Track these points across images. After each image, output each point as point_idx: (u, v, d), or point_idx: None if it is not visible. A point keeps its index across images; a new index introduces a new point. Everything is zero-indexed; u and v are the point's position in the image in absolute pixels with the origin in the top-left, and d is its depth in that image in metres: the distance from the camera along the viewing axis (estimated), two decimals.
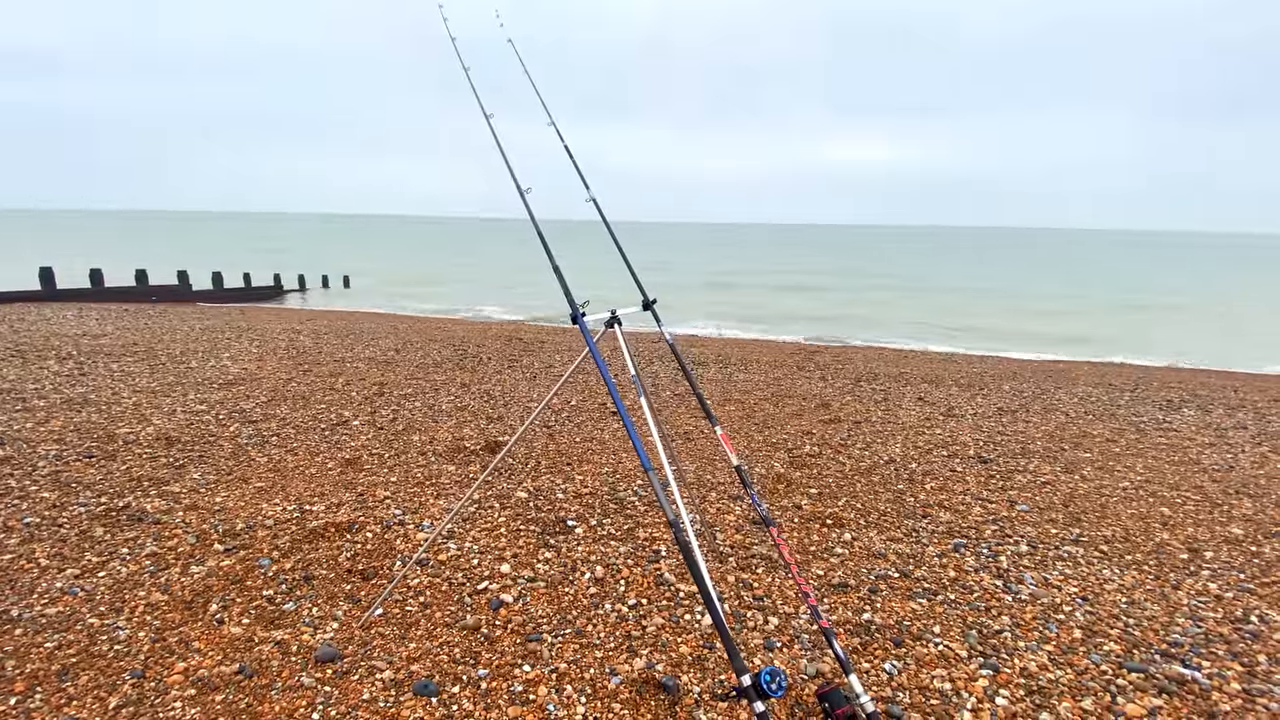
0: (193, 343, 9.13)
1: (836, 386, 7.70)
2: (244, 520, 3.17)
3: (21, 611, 2.42)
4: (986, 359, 12.61)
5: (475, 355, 8.95)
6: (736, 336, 15.50)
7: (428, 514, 3.31)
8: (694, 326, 17.60)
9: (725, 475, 4.08)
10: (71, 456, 4.04)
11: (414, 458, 4.22)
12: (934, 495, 3.93)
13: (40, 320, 11.36)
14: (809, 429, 5.39)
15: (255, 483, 3.71)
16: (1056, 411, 6.79)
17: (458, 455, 4.29)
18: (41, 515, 3.19)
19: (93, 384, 6.09)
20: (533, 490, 3.68)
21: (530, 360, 8.71)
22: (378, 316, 16.18)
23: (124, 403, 5.41)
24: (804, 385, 7.70)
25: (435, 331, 12.14)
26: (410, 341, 10.24)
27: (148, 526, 3.10)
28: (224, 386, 6.21)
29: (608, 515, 3.35)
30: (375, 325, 12.85)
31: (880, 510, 3.61)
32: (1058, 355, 14.57)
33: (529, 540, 3.03)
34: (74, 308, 14.11)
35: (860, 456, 4.64)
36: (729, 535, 3.17)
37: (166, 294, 18.90)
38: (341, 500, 3.46)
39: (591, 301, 1.95)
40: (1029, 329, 19.31)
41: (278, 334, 10.68)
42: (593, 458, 4.36)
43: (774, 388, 7.46)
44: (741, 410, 6.10)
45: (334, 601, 2.54)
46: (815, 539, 3.18)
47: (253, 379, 6.63)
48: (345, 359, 8.23)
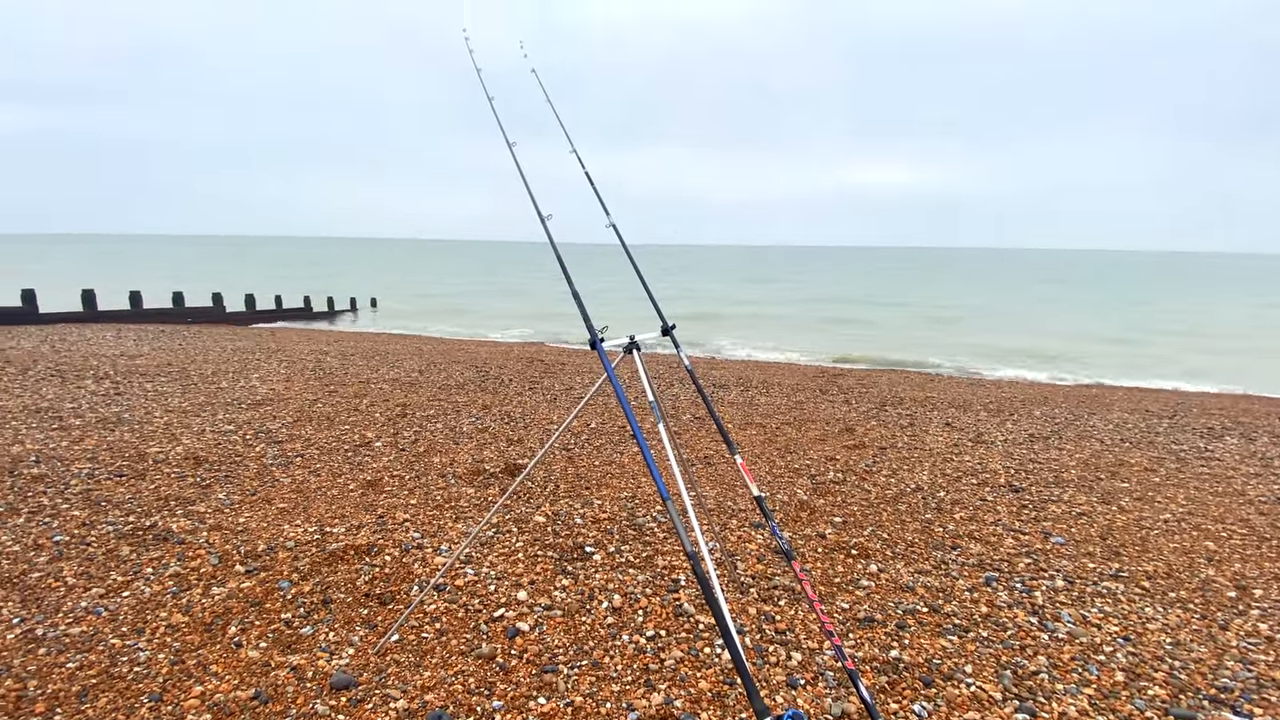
0: (224, 363, 9.34)
1: (861, 411, 7.57)
2: (266, 541, 3.19)
3: (46, 630, 2.45)
4: (1016, 383, 12.32)
5: (496, 377, 9.01)
6: (757, 358, 15.39)
7: (446, 538, 3.30)
8: (714, 349, 17.54)
9: (747, 502, 4.00)
10: (103, 475, 4.13)
11: (434, 480, 4.23)
12: (963, 525, 3.81)
13: (81, 340, 11.75)
14: (832, 455, 5.29)
15: (278, 503, 3.74)
16: (1091, 439, 6.58)
17: (477, 478, 4.28)
18: (71, 533, 3.25)
19: (127, 403, 6.25)
20: (551, 515, 3.65)
21: (551, 382, 8.74)
22: (403, 338, 16.44)
23: (156, 422, 5.53)
24: (827, 409, 7.59)
25: (458, 353, 12.28)
26: (434, 363, 10.35)
27: (173, 546, 3.14)
28: (252, 407, 6.32)
29: (626, 542, 3.30)
30: (400, 347, 13.03)
31: (907, 541, 3.50)
32: (1089, 379, 14.18)
33: (546, 566, 3.00)
34: (113, 328, 14.59)
35: (886, 484, 4.52)
36: (750, 565, 3.10)
37: (201, 315, 19.45)
38: (361, 522, 3.46)
39: (611, 326, 1.94)
40: (1057, 352, 18.84)
41: (305, 355, 10.89)
42: (611, 482, 4.32)
43: (796, 411, 7.35)
44: (763, 435, 6.02)
45: (351, 626, 2.53)
46: (840, 570, 3.09)
47: (280, 399, 6.74)
48: (370, 380, 8.34)
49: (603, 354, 1.78)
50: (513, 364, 10.81)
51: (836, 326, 25.11)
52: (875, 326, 25.21)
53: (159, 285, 22.50)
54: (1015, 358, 17.57)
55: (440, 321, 23.16)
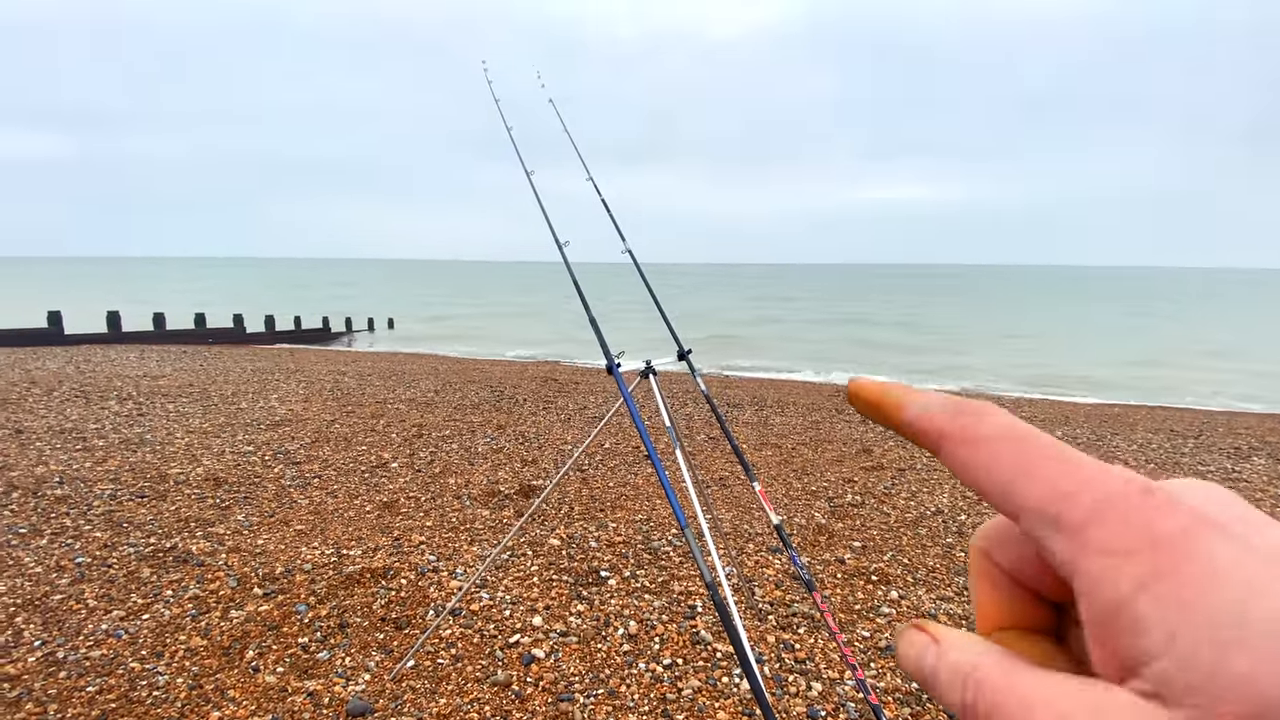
0: (244, 384, 9.48)
1: (878, 431, 7.49)
2: (283, 564, 3.21)
3: (67, 654, 2.47)
4: (1035, 402, 12.15)
5: (511, 397, 9.04)
6: (771, 377, 15.31)
7: (461, 561, 3.29)
8: (727, 368, 17.49)
9: (764, 525, 3.96)
10: (125, 496, 4.18)
11: (449, 502, 4.24)
12: None
13: (105, 361, 11.99)
14: (850, 476, 5.23)
15: (296, 525, 3.76)
16: (1115, 460, 6.41)
17: (492, 499, 4.28)
18: (93, 555, 3.29)
19: (149, 424, 6.35)
20: (565, 538, 3.63)
21: (565, 402, 8.75)
22: (419, 358, 16.58)
23: (177, 443, 5.61)
24: (844, 429, 7.52)
25: (473, 373, 12.35)
26: (449, 383, 10.42)
27: (192, 569, 3.16)
28: (271, 427, 6.39)
29: (641, 566, 3.27)
30: (417, 367, 13.15)
31: (929, 566, 3.44)
32: (1112, 399, 13.94)
33: (561, 591, 2.98)
34: (137, 349, 14.88)
35: (906, 507, 4.46)
36: (768, 591, 3.05)
37: (222, 336, 19.78)
38: (378, 545, 3.47)
39: (627, 350, 1.95)
40: (1077, 371, 18.55)
41: (323, 375, 11.02)
42: (626, 504, 4.30)
43: (812, 432, 7.29)
44: (779, 455, 5.97)
45: (367, 651, 2.52)
46: (860, 596, 3.04)
47: (298, 420, 6.81)
48: (387, 400, 8.40)
49: (619, 378, 1.78)
50: (527, 383, 10.86)
51: (850, 345, 24.98)
52: (889, 344, 25.03)
53: (183, 307, 22.95)
54: (1032, 377, 17.33)
55: (456, 341, 23.37)
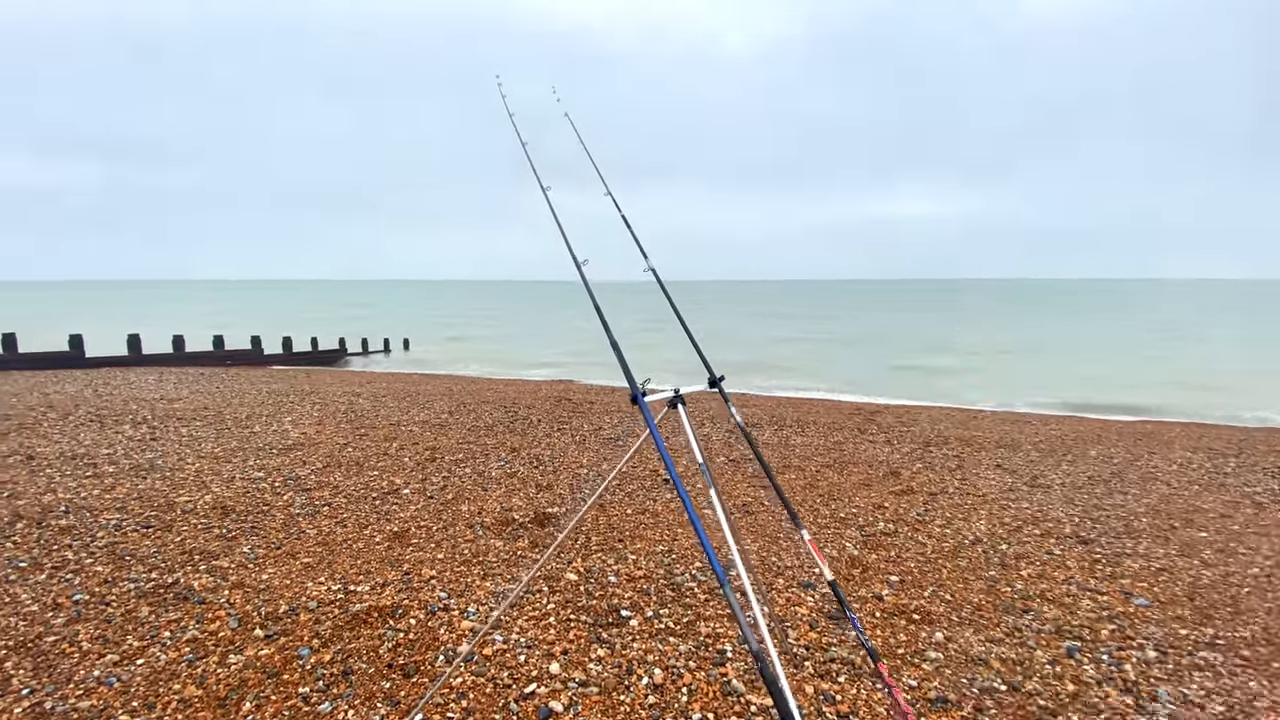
0: (258, 407, 9.43)
1: (904, 452, 7.22)
2: (288, 601, 3.05)
3: (55, 704, 2.32)
4: (1064, 420, 11.76)
5: (525, 418, 8.90)
6: (789, 395, 15.04)
7: (473, 598, 3.11)
8: (744, 385, 17.24)
9: (792, 557, 3.74)
10: (130, 526, 4.06)
11: (461, 531, 4.07)
12: (1033, 584, 3.48)
13: (124, 384, 12.04)
14: (880, 502, 4.99)
15: (303, 558, 3.61)
16: (1156, 481, 6.14)
17: (505, 529, 4.11)
18: (91, 592, 3.16)
19: (161, 449, 6.27)
20: (583, 571, 3.44)
21: (579, 423, 8.58)
22: (434, 378, 16.54)
23: (187, 469, 5.51)
24: (868, 450, 7.26)
25: (487, 393, 12.24)
26: (463, 404, 10.31)
27: (192, 607, 3.01)
28: (283, 452, 6.29)
29: (665, 604, 3.06)
30: (431, 388, 13.07)
31: (973, 603, 3.20)
32: (1144, 415, 13.50)
33: (580, 633, 2.78)
34: (155, 372, 14.98)
35: (942, 535, 4.21)
36: (802, 633, 2.84)
37: (241, 358, 19.90)
38: (386, 580, 3.30)
39: (654, 375, 1.79)
40: (1099, 387, 18.06)
41: (338, 397, 10.96)
42: (645, 533, 4.10)
43: (836, 453, 7.05)
44: (802, 479, 5.74)
45: (372, 703, 2.34)
46: (903, 639, 2.81)
47: (311, 444, 6.71)
48: (400, 422, 8.29)
49: (645, 409, 1.62)
50: (541, 404, 10.71)
51: (867, 361, 24.63)
52: (907, 361, 24.63)
53: (204, 329, 23.18)
54: (1056, 392, 16.88)
55: (472, 361, 23.37)
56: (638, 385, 1.61)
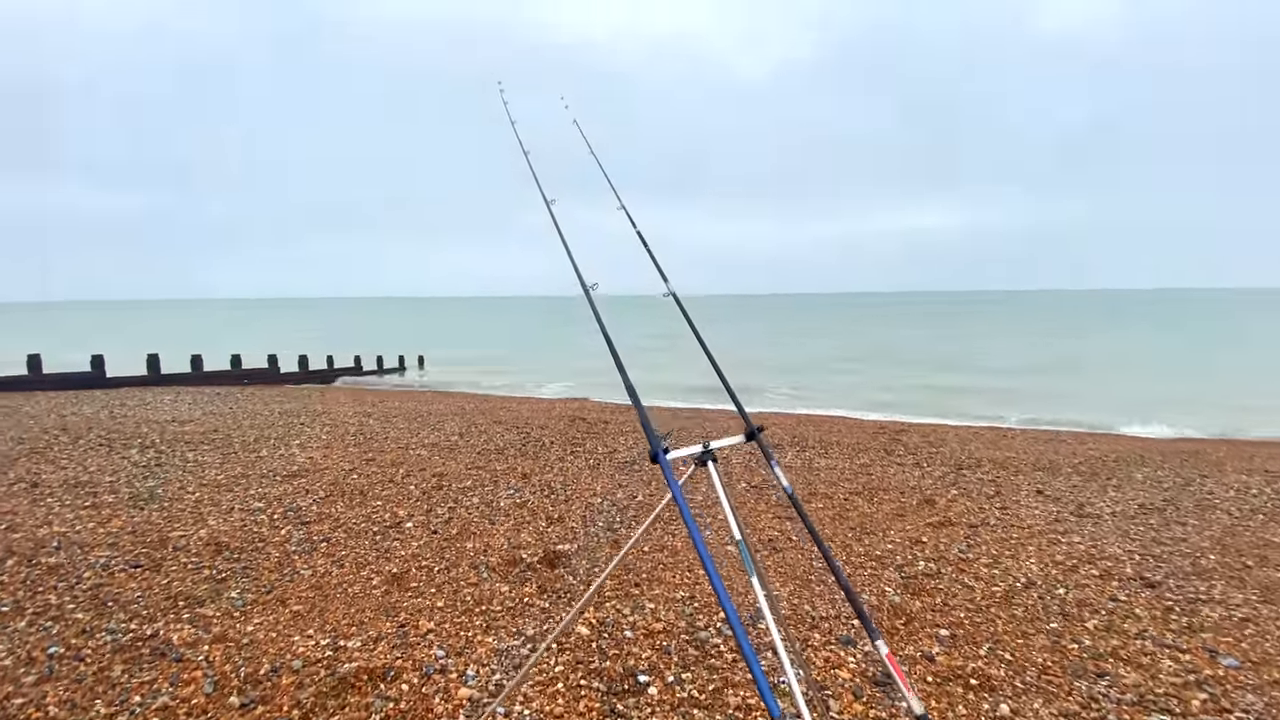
0: (268, 429, 9.26)
1: (936, 476, 6.82)
2: (270, 659, 2.77)
3: None
4: (1100, 437, 11.22)
5: (537, 440, 8.62)
6: (809, 413, 14.61)
7: (473, 657, 2.81)
8: (762, 402, 16.84)
9: (828, 605, 3.39)
10: (119, 566, 3.83)
11: (465, 573, 3.77)
12: (1101, 639, 3.10)
13: (139, 405, 11.99)
14: (917, 536, 4.61)
15: (293, 605, 3.34)
16: (1215, 509, 5.69)
17: (512, 571, 3.80)
18: (68, 644, 2.91)
19: (164, 476, 6.08)
20: (596, 623, 3.13)
21: (593, 445, 8.28)
22: (447, 396, 16.37)
23: (187, 499, 5.30)
24: (898, 474, 6.86)
25: (500, 412, 12.00)
26: (475, 424, 10.07)
27: (169, 665, 2.75)
28: (286, 479, 6.06)
29: (687, 666, 2.73)
30: (443, 406, 12.87)
31: (1038, 664, 2.82)
32: (1183, 431, 12.89)
33: (592, 704, 2.46)
34: (173, 392, 14.98)
35: (990, 577, 3.83)
36: (845, 703, 2.49)
37: (257, 377, 19.92)
38: (380, 633, 3.01)
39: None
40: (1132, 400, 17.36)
41: (349, 418, 10.78)
42: (664, 575, 3.77)
43: (863, 477, 6.66)
44: (831, 508, 5.37)
45: None
46: (962, 712, 2.45)
47: (316, 470, 6.48)
48: (409, 445, 8.06)
49: (667, 469, 1.32)
50: (554, 423, 10.44)
51: (886, 378, 24.06)
52: (928, 377, 24.05)
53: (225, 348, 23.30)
54: (1087, 408, 16.25)
55: (486, 378, 23.23)
56: (659, 441, 1.32)
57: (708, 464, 1.46)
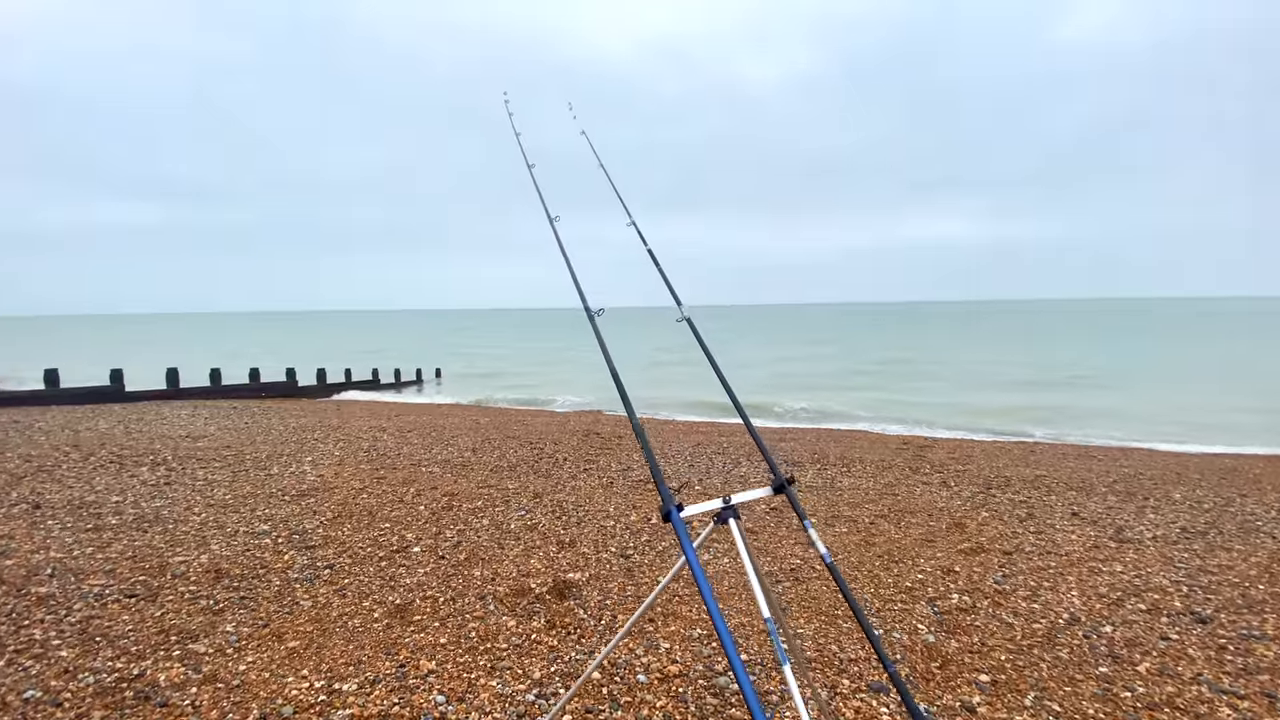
0: (281, 444, 9.20)
1: (964, 496, 6.53)
2: (260, 704, 2.60)
3: None
4: (1130, 452, 10.81)
5: (551, 456, 8.45)
6: (829, 428, 14.29)
7: (476, 703, 2.62)
8: (779, 415, 16.55)
9: (856, 645, 3.15)
10: (113, 595, 3.71)
11: (471, 604, 3.59)
12: (1155, 684, 2.84)
13: (156, 420, 12.02)
14: (948, 564, 4.35)
15: (290, 640, 3.18)
16: (1260, 533, 5.36)
17: (520, 602, 3.62)
18: (47, 687, 2.77)
19: (171, 496, 6.00)
20: (607, 664, 2.93)
21: (607, 461, 8.10)
22: (462, 410, 16.29)
23: (192, 520, 5.19)
24: (924, 494, 6.59)
25: (514, 426, 11.87)
26: (489, 439, 9.94)
27: (152, 710, 2.60)
28: (296, 499, 5.95)
29: (705, 718, 2.53)
30: (458, 421, 12.77)
31: (1090, 717, 2.57)
32: (1214, 445, 12.39)
33: None
34: (190, 406, 15.04)
35: (1030, 612, 3.57)
36: None
37: (276, 390, 20.03)
38: (378, 674, 2.84)
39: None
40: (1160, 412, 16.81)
41: (363, 433, 10.71)
42: (681, 610, 3.56)
43: (889, 498, 6.40)
44: (855, 533, 5.13)
45: None
46: None
47: (326, 488, 6.36)
48: (421, 462, 7.94)
49: (681, 530, 1.14)
50: (568, 438, 10.27)
51: (906, 389, 23.63)
52: (945, 388, 23.58)
53: (247, 361, 23.52)
54: (1115, 421, 15.74)
55: (501, 390, 23.17)
56: (671, 498, 1.14)
57: (729, 521, 1.28)
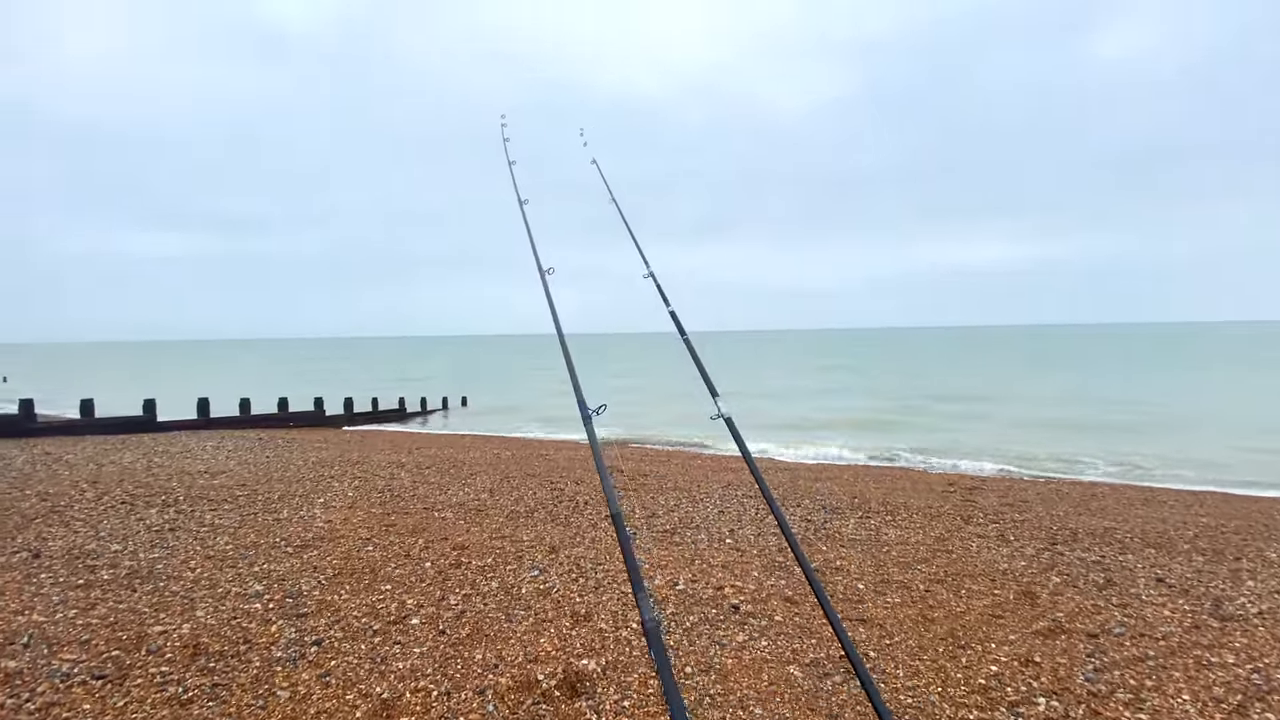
0: (296, 483, 8.94)
1: (1028, 555, 5.85)
2: None
3: None
4: (1202, 497, 9.86)
5: (571, 498, 7.99)
6: (867, 464, 13.54)
7: None
8: (816, 449, 15.81)
9: None
10: (80, 676, 3.34)
11: (467, 701, 3.11)
12: None
13: (181, 453, 11.94)
14: (1025, 651, 3.72)
15: None
16: None
17: (525, 701, 3.12)
18: None
19: (172, 545, 5.69)
20: None
21: (631, 504, 7.60)
22: (485, 441, 15.98)
23: (185, 578, 4.85)
24: (982, 551, 5.92)
25: (535, 461, 11.47)
26: (507, 477, 9.53)
27: None
28: (298, 550, 5.59)
29: None
30: (478, 455, 12.43)
31: None
32: None
33: None
34: (217, 437, 15.03)
35: None
36: None
37: (303, 419, 20.06)
38: None
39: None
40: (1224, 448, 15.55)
41: (381, 468, 10.42)
42: (710, 716, 3.03)
43: (942, 556, 5.75)
44: (910, 603, 4.51)
45: None
46: None
47: (332, 537, 6.00)
48: (435, 505, 7.55)
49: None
50: (590, 476, 9.80)
51: (947, 421, 22.59)
52: (988, 418, 22.47)
53: (280, 390, 23.74)
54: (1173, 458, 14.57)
55: (524, 417, 22.89)
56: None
57: None
